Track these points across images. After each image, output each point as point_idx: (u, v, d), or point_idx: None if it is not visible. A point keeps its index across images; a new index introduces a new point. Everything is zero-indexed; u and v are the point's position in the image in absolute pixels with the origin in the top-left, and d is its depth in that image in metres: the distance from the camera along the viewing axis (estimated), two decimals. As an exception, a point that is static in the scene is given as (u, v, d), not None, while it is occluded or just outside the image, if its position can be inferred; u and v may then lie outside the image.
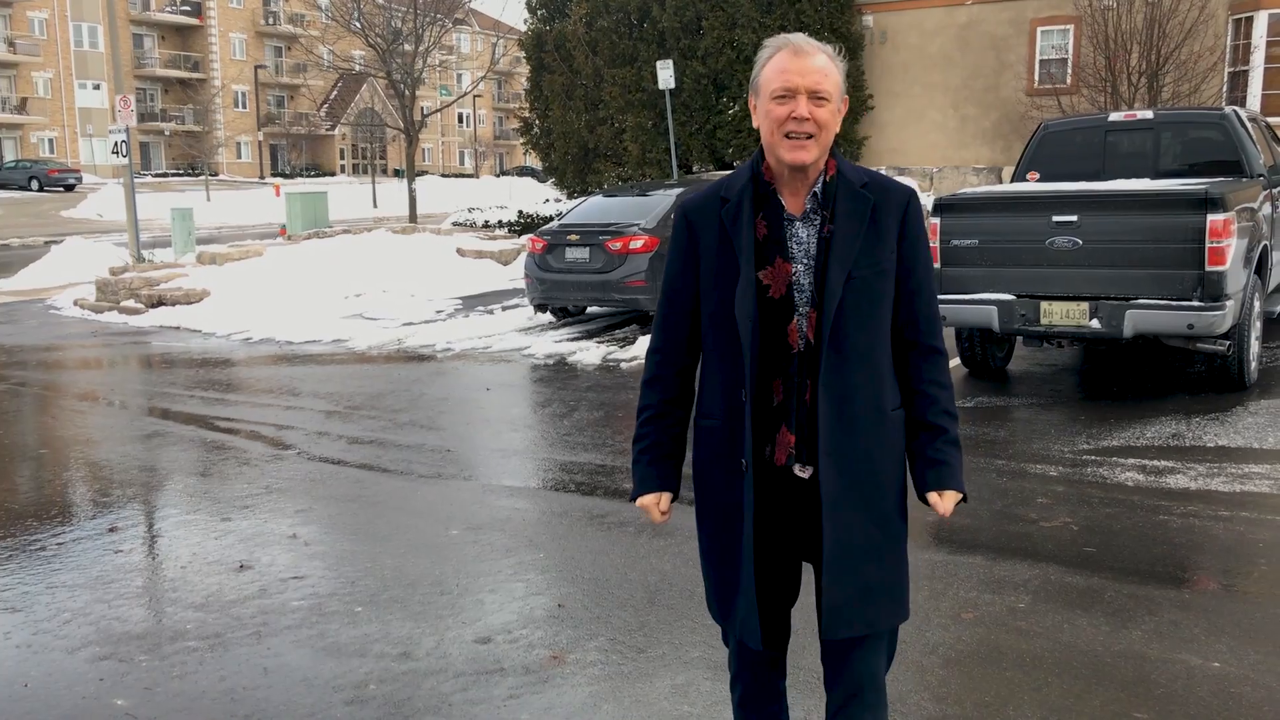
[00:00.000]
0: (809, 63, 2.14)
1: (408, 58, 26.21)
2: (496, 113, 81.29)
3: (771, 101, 2.15)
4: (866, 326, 2.18)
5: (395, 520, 5.34)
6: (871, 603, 2.21)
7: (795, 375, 2.19)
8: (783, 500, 2.25)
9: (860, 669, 2.25)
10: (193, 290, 14.51)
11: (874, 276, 2.18)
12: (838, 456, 2.17)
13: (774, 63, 2.17)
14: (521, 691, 3.47)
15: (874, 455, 2.21)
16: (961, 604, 4.06)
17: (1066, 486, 5.53)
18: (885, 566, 2.23)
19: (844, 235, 2.17)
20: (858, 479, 2.19)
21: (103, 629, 4.06)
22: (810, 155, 2.15)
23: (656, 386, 2.36)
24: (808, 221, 2.21)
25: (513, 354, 10.34)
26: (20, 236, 29.87)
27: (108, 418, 8.24)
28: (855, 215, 2.18)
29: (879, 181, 2.24)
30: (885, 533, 2.22)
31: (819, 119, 2.14)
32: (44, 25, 56.00)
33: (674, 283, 2.32)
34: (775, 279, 2.19)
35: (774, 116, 2.15)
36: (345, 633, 3.97)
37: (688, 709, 3.31)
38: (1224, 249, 6.65)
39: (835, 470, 2.17)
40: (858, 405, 2.18)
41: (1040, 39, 19.16)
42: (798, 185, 2.21)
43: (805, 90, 2.13)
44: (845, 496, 2.18)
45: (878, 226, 2.19)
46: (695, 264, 2.27)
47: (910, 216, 2.23)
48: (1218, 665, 3.49)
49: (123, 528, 5.33)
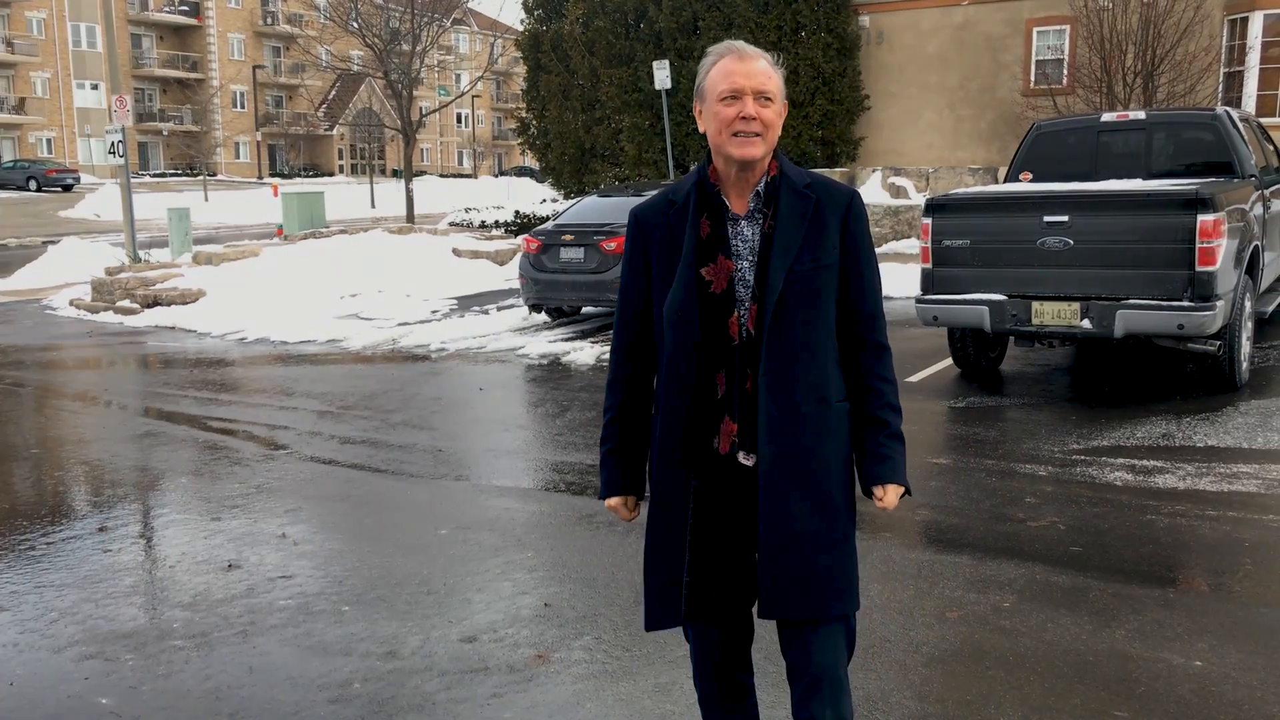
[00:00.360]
0: (754, 65, 2.23)
1: (405, 58, 26.24)
2: (495, 113, 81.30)
3: (719, 103, 2.23)
4: (809, 319, 2.24)
5: (385, 520, 5.35)
6: (813, 588, 2.24)
7: (737, 367, 2.25)
8: (731, 491, 2.30)
9: (818, 660, 2.26)
10: (188, 290, 14.51)
11: (816, 270, 2.24)
12: (778, 444, 2.22)
13: (719, 67, 2.25)
14: (505, 690, 3.48)
15: (816, 445, 2.25)
16: (946, 603, 4.07)
17: (1055, 486, 5.54)
18: (828, 553, 2.25)
19: (785, 230, 2.24)
20: (799, 466, 2.23)
21: (89, 628, 4.07)
22: (758, 151, 2.22)
23: (616, 388, 2.44)
24: (752, 220, 2.29)
25: (507, 354, 10.34)
26: (18, 237, 29.87)
27: (100, 418, 8.24)
28: (797, 212, 2.26)
29: (821, 182, 2.32)
30: (827, 520, 2.26)
31: (765, 118, 2.22)
32: (42, 25, 56.00)
33: (627, 287, 2.40)
34: (717, 275, 2.26)
35: (722, 117, 2.22)
36: (331, 632, 3.98)
37: (670, 707, 3.32)
38: (1214, 249, 6.66)
39: (774, 457, 2.22)
40: (799, 395, 2.23)
41: (1036, 39, 19.18)
42: (743, 186, 2.29)
43: (751, 91, 2.21)
44: (784, 482, 2.22)
45: (820, 224, 2.26)
46: (646, 268, 2.35)
47: (852, 216, 2.30)
48: (1199, 664, 3.50)
49: (112, 527, 5.33)
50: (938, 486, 5.60)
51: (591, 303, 11.54)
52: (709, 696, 2.49)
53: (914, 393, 7.86)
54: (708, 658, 2.43)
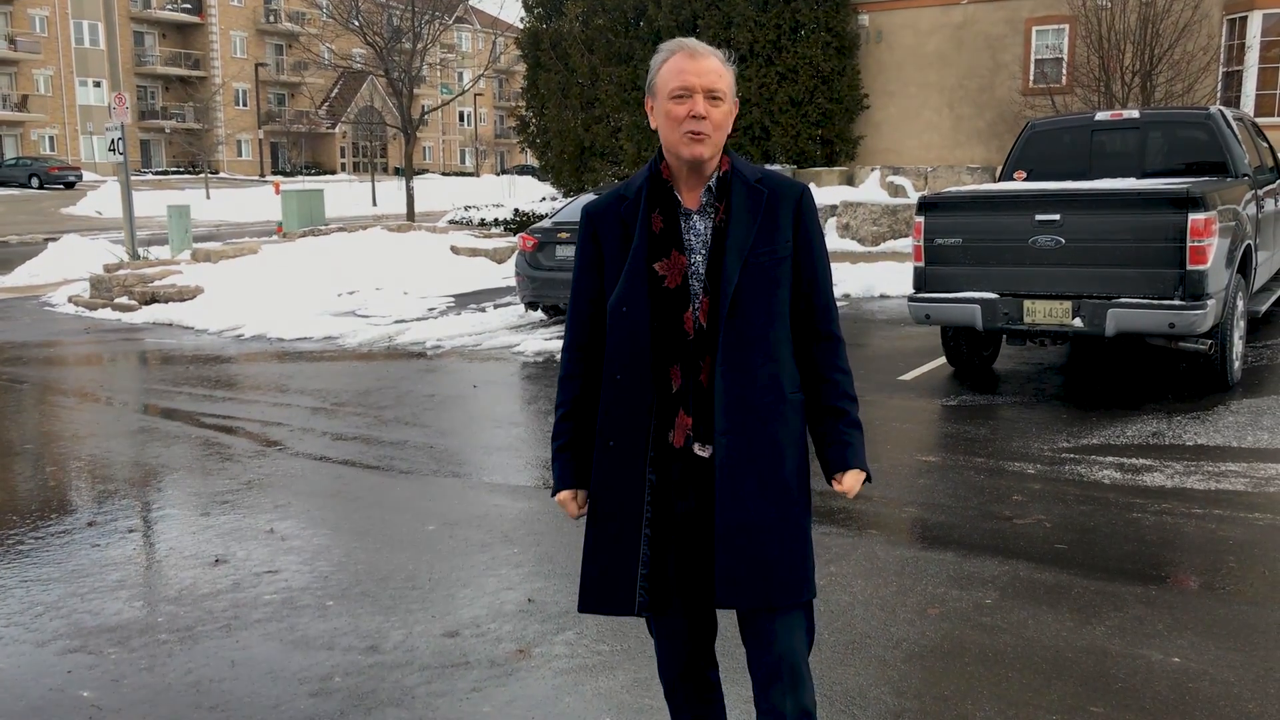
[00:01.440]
0: (704, 64, 2.23)
1: (406, 56, 26.26)
2: (497, 111, 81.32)
3: (670, 101, 2.24)
4: (763, 310, 2.25)
5: (373, 515, 5.36)
6: (768, 577, 2.24)
7: (691, 360, 2.26)
8: (686, 483, 2.30)
9: (777, 649, 2.27)
10: (186, 287, 14.54)
11: (770, 262, 2.26)
12: (733, 435, 2.23)
13: (670, 64, 2.26)
14: (485, 684, 3.49)
15: (771, 436, 2.26)
16: (928, 600, 4.08)
17: (1043, 484, 5.54)
18: (782, 543, 2.26)
19: (738, 223, 2.26)
20: (753, 457, 2.24)
21: (74, 622, 4.08)
22: (705, 151, 2.23)
23: (569, 385, 2.43)
24: (704, 214, 2.30)
25: (502, 351, 10.36)
26: (19, 233, 29.92)
27: (96, 414, 8.26)
28: (749, 207, 2.27)
29: (772, 177, 2.34)
30: (782, 510, 2.27)
31: (714, 118, 2.23)
32: (45, 23, 56.06)
33: (579, 283, 2.40)
34: (671, 270, 2.27)
35: (673, 115, 2.23)
36: (315, 626, 3.99)
37: (648, 701, 3.33)
38: (1205, 248, 6.66)
39: (730, 447, 2.23)
40: (754, 387, 2.24)
41: (1035, 38, 19.17)
42: (694, 182, 2.30)
43: (702, 90, 2.22)
44: (740, 473, 2.23)
45: (772, 217, 2.28)
46: (598, 264, 2.36)
47: (803, 210, 2.32)
48: (1178, 660, 3.51)
49: (101, 522, 5.35)
50: (926, 484, 5.61)
51: (587, 301, 11.53)
52: (675, 693, 2.48)
53: (907, 391, 7.87)
54: (673, 652, 2.43)
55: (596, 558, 2.36)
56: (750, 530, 2.24)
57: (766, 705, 2.27)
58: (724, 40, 20.64)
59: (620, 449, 2.31)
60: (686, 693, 2.47)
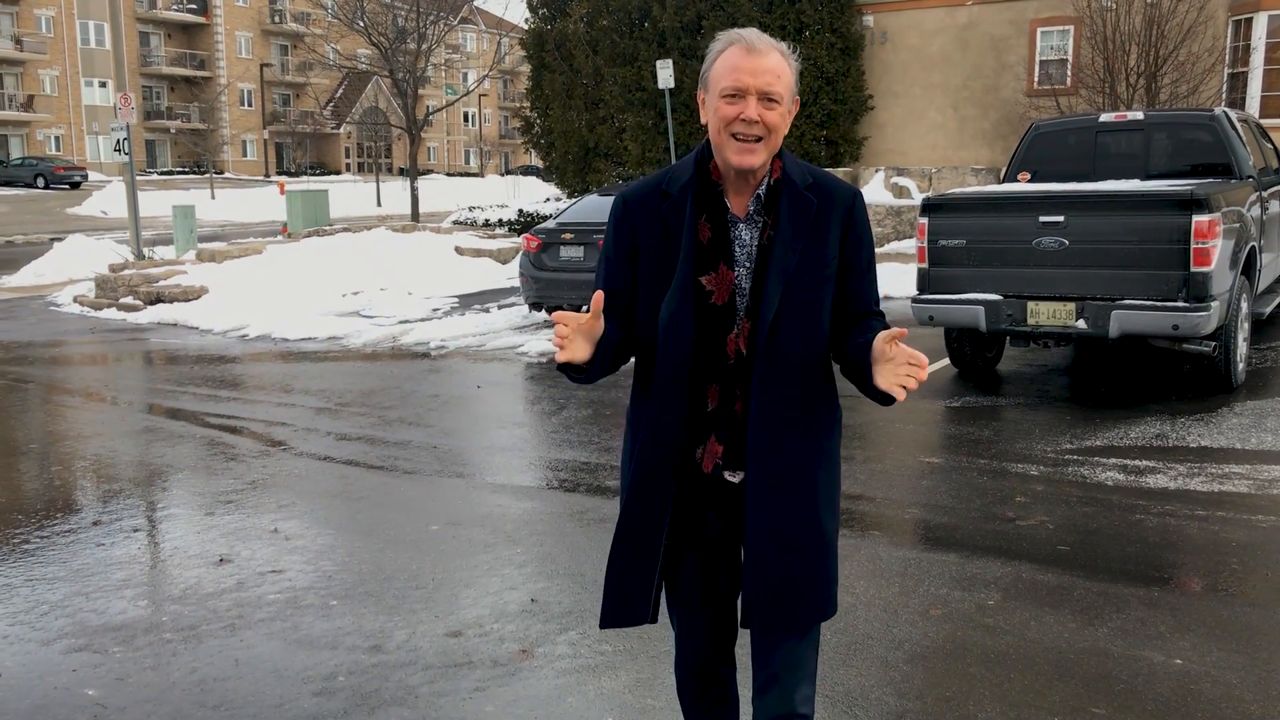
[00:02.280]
0: (762, 62, 2.06)
1: (411, 56, 26.30)
2: (502, 112, 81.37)
3: (720, 100, 2.08)
4: (802, 334, 2.15)
5: (377, 515, 5.38)
6: (793, 600, 2.20)
7: (730, 383, 2.17)
8: (711, 501, 2.24)
9: (789, 659, 2.26)
10: (191, 287, 14.57)
11: (813, 283, 2.14)
12: (765, 465, 2.14)
13: (725, 59, 2.09)
14: (488, 684, 3.50)
15: (803, 461, 2.18)
16: (931, 601, 4.08)
17: (1047, 486, 5.54)
18: (809, 566, 2.21)
19: (784, 242, 2.12)
20: (786, 485, 2.16)
21: (79, 621, 4.10)
22: (758, 159, 2.09)
23: None
24: (750, 223, 2.16)
25: (506, 352, 10.37)
26: (25, 233, 30.00)
27: (101, 413, 8.29)
28: (797, 219, 2.13)
29: (823, 184, 2.20)
30: (810, 535, 2.20)
31: (768, 122, 2.07)
32: (51, 23, 56.20)
33: (611, 271, 2.22)
34: (719, 285, 2.14)
35: (722, 115, 2.08)
36: (318, 625, 4.00)
37: (650, 701, 3.34)
38: (1209, 250, 6.66)
39: (762, 479, 2.15)
40: (790, 414, 2.15)
41: (1040, 40, 19.15)
42: (743, 186, 2.16)
43: (756, 91, 2.05)
44: (771, 503, 2.16)
45: (820, 231, 2.15)
46: (633, 255, 2.20)
47: (854, 219, 2.19)
48: (1180, 662, 3.51)
49: (106, 521, 5.37)
50: (929, 485, 5.62)
51: (591, 301, 11.55)
52: (688, 689, 2.45)
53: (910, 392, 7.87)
54: (692, 649, 2.38)
55: (615, 576, 2.28)
56: (778, 557, 2.17)
57: (763, 710, 2.27)
58: (728, 41, 20.67)
59: (651, 462, 2.20)
60: (699, 690, 2.44)
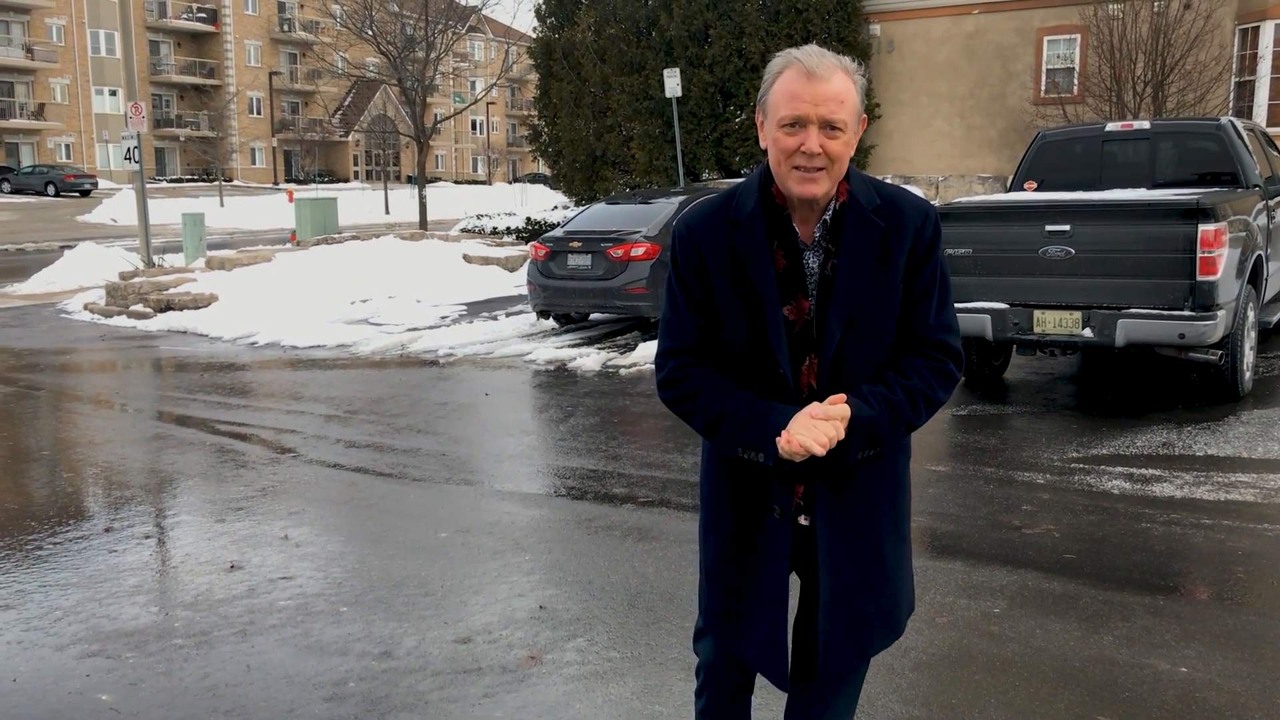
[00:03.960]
0: (823, 89, 1.94)
1: (419, 65, 26.40)
2: (509, 120, 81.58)
3: (779, 130, 1.98)
4: (867, 368, 2.08)
5: (386, 523, 5.41)
6: (866, 635, 2.21)
7: None
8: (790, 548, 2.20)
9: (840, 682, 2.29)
10: (200, 295, 14.64)
11: (877, 314, 2.06)
12: (836, 506, 2.12)
13: (784, 84, 1.98)
14: (497, 690, 3.53)
15: (875, 499, 2.15)
16: (937, 608, 4.10)
17: (1053, 494, 5.56)
18: (881, 601, 2.21)
19: (848, 273, 2.03)
20: (856, 525, 2.14)
21: (92, 626, 4.14)
22: (820, 189, 1.99)
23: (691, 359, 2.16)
24: (816, 251, 2.08)
25: (514, 359, 10.41)
26: (35, 241, 30.15)
27: (111, 420, 8.34)
28: (862, 249, 2.04)
29: (891, 204, 2.08)
30: (882, 570, 2.19)
31: (831, 152, 1.96)
32: (62, 32, 56.53)
33: (686, 303, 2.13)
34: (798, 316, 2.07)
35: (781, 146, 1.98)
36: (329, 632, 4.04)
37: (659, 708, 3.37)
38: (1215, 259, 6.68)
39: (833, 521, 2.12)
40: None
41: (1046, 48, 19.17)
42: (808, 212, 2.07)
43: (817, 120, 1.94)
44: (843, 544, 2.15)
45: (887, 257, 2.05)
46: (707, 284, 2.11)
47: (924, 234, 2.08)
48: (1185, 670, 3.53)
49: (118, 528, 5.41)
50: (935, 493, 5.63)
51: (598, 309, 11.60)
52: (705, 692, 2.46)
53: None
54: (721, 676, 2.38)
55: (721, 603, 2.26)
56: (851, 595, 2.16)
57: None
58: (735, 50, 20.72)
59: (741, 494, 2.18)
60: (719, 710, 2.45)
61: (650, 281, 10.67)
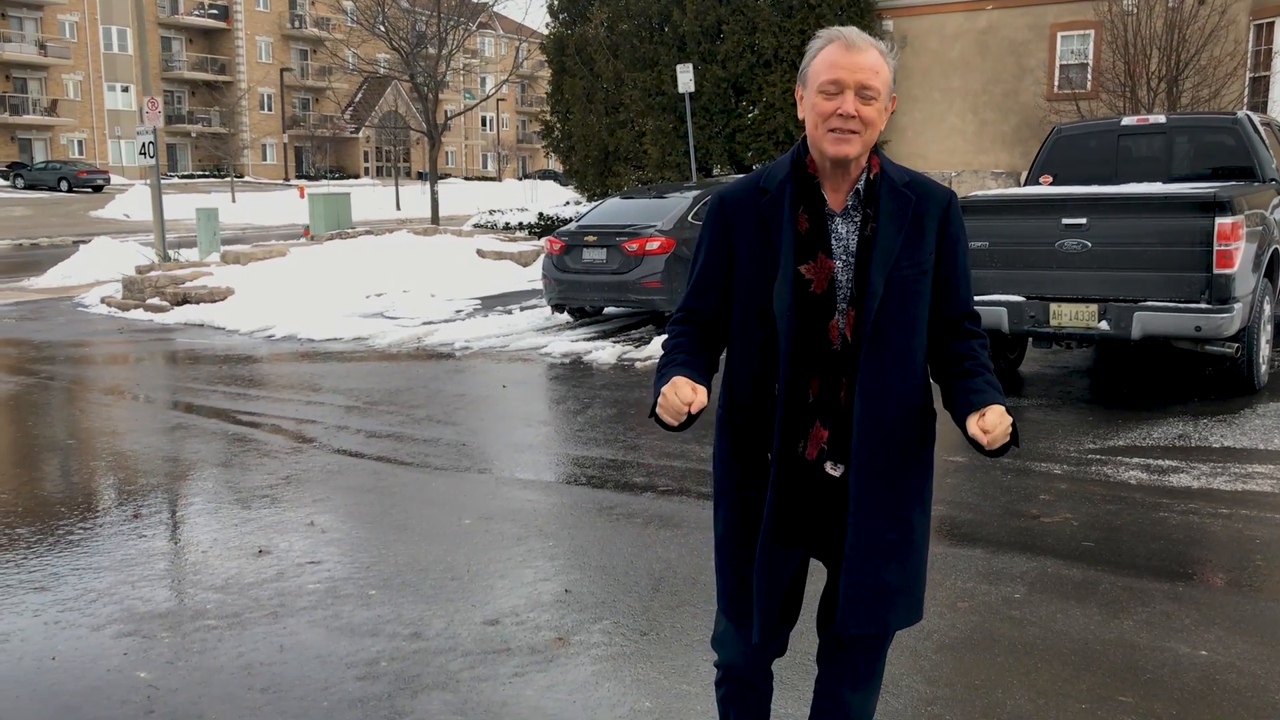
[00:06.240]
0: (860, 59, 2.11)
1: (431, 61, 26.49)
2: (519, 116, 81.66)
3: (818, 95, 2.14)
4: (905, 326, 2.19)
5: (410, 510, 5.48)
6: (887, 603, 2.24)
7: (832, 373, 2.19)
8: (805, 495, 2.26)
9: (860, 657, 2.34)
10: (217, 289, 14.75)
11: (914, 277, 2.18)
12: (870, 457, 2.18)
13: (824, 55, 2.14)
14: (527, 670, 3.59)
15: (904, 458, 2.23)
16: (958, 594, 4.15)
17: (1070, 484, 5.60)
18: (904, 570, 2.26)
19: (886, 234, 2.16)
20: (886, 481, 2.21)
21: (127, 608, 4.22)
22: (854, 149, 2.14)
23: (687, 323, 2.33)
24: (848, 218, 2.20)
25: (530, 353, 10.48)
26: (50, 236, 30.34)
27: (133, 411, 8.43)
28: (897, 214, 2.18)
29: (920, 182, 2.25)
30: (906, 537, 2.25)
31: (865, 116, 2.12)
32: (74, 28, 56.76)
33: (707, 268, 2.30)
34: (818, 274, 2.18)
35: (819, 110, 2.13)
36: (359, 614, 4.11)
37: (686, 688, 3.43)
38: (1232, 252, 6.71)
39: (866, 470, 2.18)
40: (892, 406, 2.20)
41: (1060, 44, 19.15)
42: (839, 181, 2.20)
43: (854, 85, 2.11)
44: (872, 497, 2.20)
45: (919, 226, 2.19)
46: (729, 252, 2.27)
47: (950, 217, 2.24)
48: (1205, 654, 3.57)
49: (146, 515, 5.49)
50: (954, 483, 5.68)
51: (613, 303, 11.66)
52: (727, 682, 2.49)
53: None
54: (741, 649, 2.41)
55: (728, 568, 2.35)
56: (876, 557, 2.22)
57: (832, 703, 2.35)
58: (748, 46, 20.74)
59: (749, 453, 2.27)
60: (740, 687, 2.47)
61: (665, 275, 10.72)
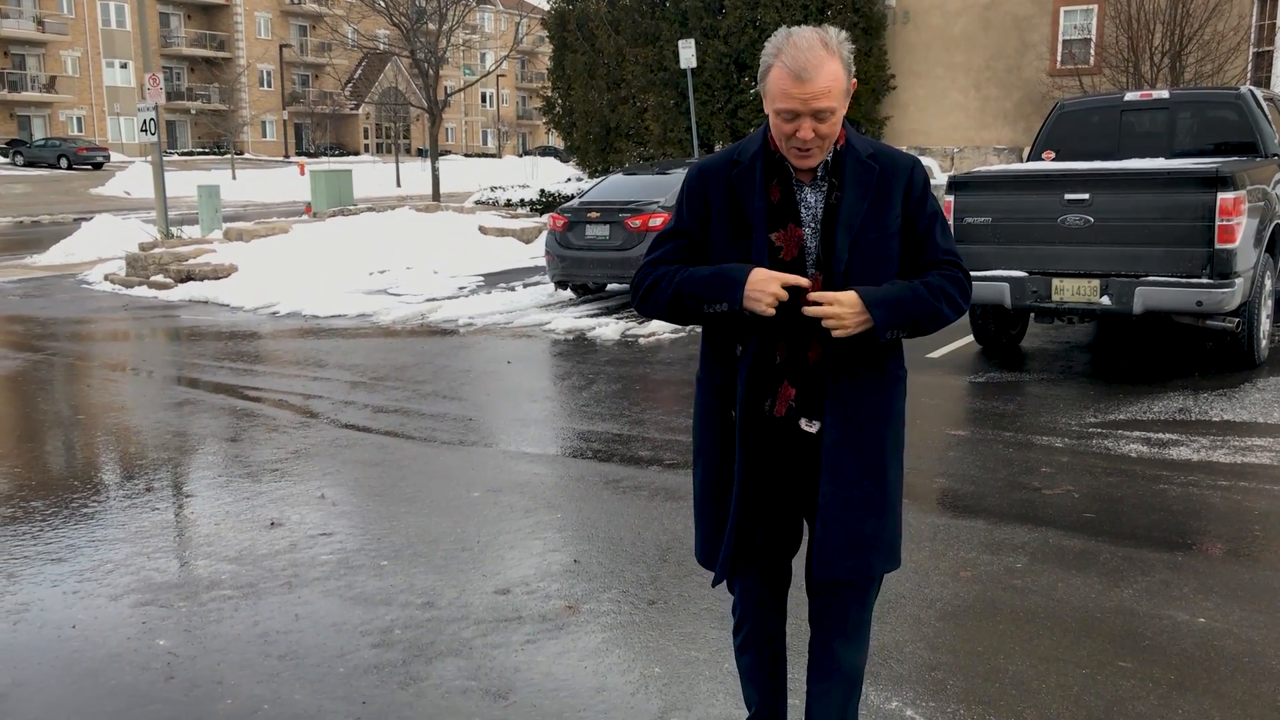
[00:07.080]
0: (812, 88, 2.16)
1: (431, 37, 26.38)
2: (520, 92, 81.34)
3: (776, 115, 2.22)
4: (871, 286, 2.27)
5: (418, 483, 5.55)
6: (863, 551, 2.35)
7: (801, 335, 2.29)
8: (782, 454, 2.37)
9: (847, 607, 2.42)
10: (220, 266, 14.77)
11: (880, 239, 2.28)
12: (841, 413, 2.29)
13: (776, 80, 2.19)
14: (538, 637, 3.66)
15: (875, 414, 2.33)
16: (960, 563, 4.22)
17: (1071, 457, 5.67)
18: (879, 519, 2.36)
19: (850, 200, 2.27)
20: (859, 435, 2.31)
21: (143, 578, 4.29)
22: (815, 161, 2.26)
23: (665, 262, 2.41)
24: (816, 187, 2.32)
25: (533, 329, 10.53)
26: (50, 213, 30.32)
27: (140, 387, 8.49)
28: (861, 183, 2.28)
29: (884, 152, 2.35)
30: (880, 488, 2.35)
31: (823, 132, 2.21)
32: (72, 4, 56.46)
33: (680, 228, 2.41)
34: (787, 242, 2.29)
35: (779, 129, 2.24)
36: (371, 584, 4.18)
37: (694, 654, 3.50)
38: (1234, 227, 6.74)
39: (838, 425, 2.29)
40: (863, 365, 2.31)
41: (1063, 19, 19.10)
42: None
43: (808, 113, 2.18)
44: (844, 450, 2.30)
45: (883, 193, 2.29)
46: (707, 218, 2.37)
47: (915, 180, 2.34)
48: (1203, 621, 3.65)
49: (158, 488, 5.56)
50: (956, 456, 5.75)
51: (616, 279, 11.69)
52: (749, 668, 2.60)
53: (935, 368, 7.99)
54: (750, 608, 2.53)
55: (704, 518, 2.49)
56: (851, 506, 2.32)
57: (823, 652, 2.42)
58: (750, 21, 20.66)
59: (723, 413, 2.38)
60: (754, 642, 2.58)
61: (668, 251, 10.74)
